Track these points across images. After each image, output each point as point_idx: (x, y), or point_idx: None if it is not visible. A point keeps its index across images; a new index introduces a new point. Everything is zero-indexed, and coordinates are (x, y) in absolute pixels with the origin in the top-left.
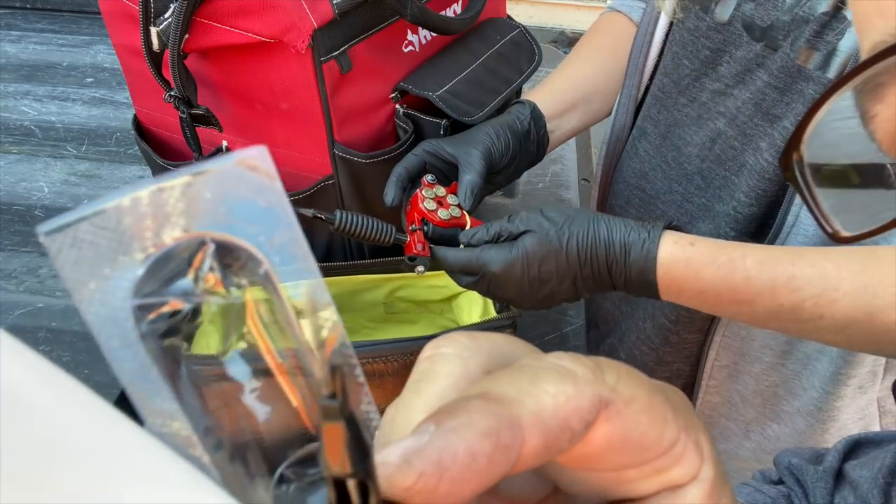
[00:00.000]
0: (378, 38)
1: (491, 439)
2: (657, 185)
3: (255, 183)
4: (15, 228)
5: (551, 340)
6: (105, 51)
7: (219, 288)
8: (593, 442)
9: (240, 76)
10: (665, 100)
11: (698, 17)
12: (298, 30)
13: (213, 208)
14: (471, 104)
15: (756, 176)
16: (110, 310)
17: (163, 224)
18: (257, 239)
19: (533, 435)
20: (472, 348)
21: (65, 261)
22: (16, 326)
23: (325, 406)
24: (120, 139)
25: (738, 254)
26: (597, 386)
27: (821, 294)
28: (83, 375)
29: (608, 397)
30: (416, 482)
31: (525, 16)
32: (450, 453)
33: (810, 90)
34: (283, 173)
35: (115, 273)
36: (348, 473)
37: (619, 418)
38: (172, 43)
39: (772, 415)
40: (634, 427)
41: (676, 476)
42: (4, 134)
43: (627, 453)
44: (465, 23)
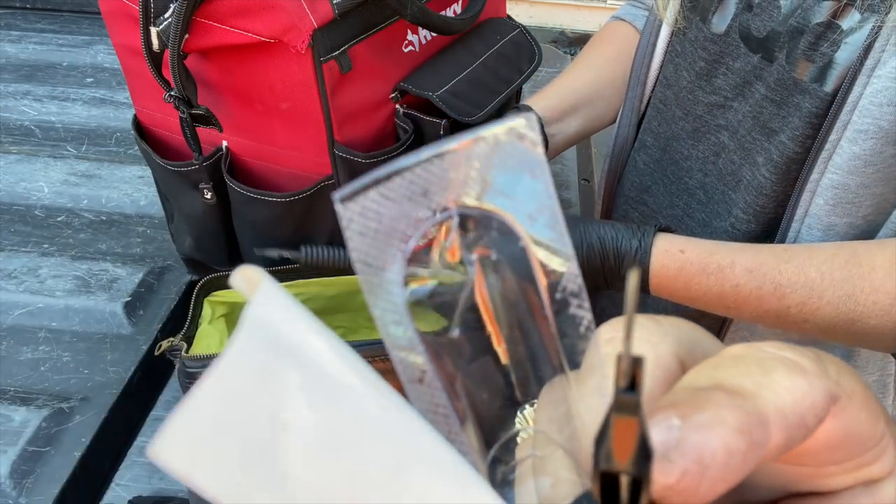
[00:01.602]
0: (378, 38)
1: (745, 436)
2: (659, 200)
3: (523, 154)
4: (15, 228)
5: None
6: (105, 51)
7: (458, 263)
8: (817, 438)
9: (240, 76)
10: (665, 111)
11: (698, 27)
12: (298, 30)
13: (480, 177)
14: (471, 104)
15: (753, 192)
16: (385, 283)
17: (438, 193)
18: (520, 214)
19: (778, 431)
20: (659, 333)
21: (353, 231)
22: (16, 326)
23: (621, 399)
24: (120, 139)
25: (728, 261)
26: (825, 380)
27: (805, 302)
28: (83, 375)
29: (836, 392)
30: (679, 481)
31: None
32: (710, 451)
33: (806, 104)
34: (283, 173)
35: (392, 246)
36: (629, 471)
37: (844, 414)
38: (172, 43)
39: None
40: (855, 423)
41: (875, 471)
42: (4, 134)
43: (844, 450)
44: (465, 23)
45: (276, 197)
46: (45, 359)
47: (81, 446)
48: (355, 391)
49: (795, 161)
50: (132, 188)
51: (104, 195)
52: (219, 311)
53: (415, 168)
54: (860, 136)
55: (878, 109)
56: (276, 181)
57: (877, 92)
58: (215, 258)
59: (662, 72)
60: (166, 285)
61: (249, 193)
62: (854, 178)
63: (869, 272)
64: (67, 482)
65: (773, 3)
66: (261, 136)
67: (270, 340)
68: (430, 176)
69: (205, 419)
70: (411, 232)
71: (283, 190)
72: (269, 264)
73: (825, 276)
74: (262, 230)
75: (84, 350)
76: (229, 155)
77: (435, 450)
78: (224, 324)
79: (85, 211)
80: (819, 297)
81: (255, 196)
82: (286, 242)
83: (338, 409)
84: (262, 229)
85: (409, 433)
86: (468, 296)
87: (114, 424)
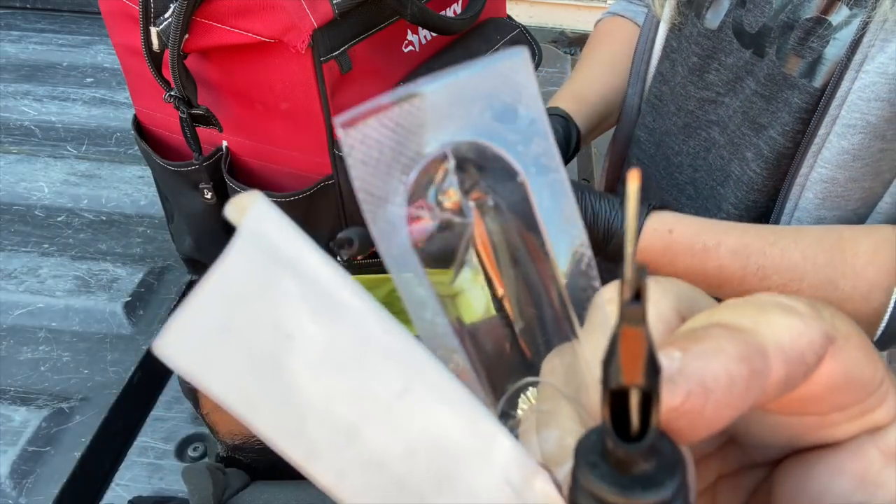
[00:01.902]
0: (378, 38)
1: (745, 364)
2: (650, 195)
3: (516, 87)
4: (15, 228)
5: None
6: (105, 51)
7: (457, 206)
8: (818, 381)
9: (240, 76)
10: (660, 107)
11: (692, 23)
12: (298, 30)
13: (476, 111)
14: None
15: (744, 187)
16: (390, 216)
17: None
18: (515, 148)
19: (777, 364)
20: (659, 290)
21: (355, 159)
22: (16, 326)
23: (629, 309)
24: (120, 139)
25: (714, 242)
26: (821, 321)
27: (786, 284)
28: (83, 375)
29: (831, 333)
30: (684, 402)
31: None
32: (711, 375)
33: (796, 99)
34: (283, 173)
35: (394, 178)
36: (640, 384)
37: (842, 355)
38: (172, 43)
39: None
40: (854, 365)
41: (879, 417)
42: (4, 134)
43: (846, 393)
44: (465, 23)
45: (276, 197)
46: (45, 359)
47: (81, 446)
48: (357, 310)
49: (785, 156)
50: (132, 188)
51: (104, 195)
52: None
53: (413, 99)
54: (848, 131)
55: (866, 104)
56: (276, 181)
57: (865, 87)
58: (215, 258)
59: (659, 67)
60: (166, 285)
61: None
62: (843, 172)
63: (852, 257)
64: (67, 482)
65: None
66: (261, 136)
67: (267, 251)
68: (429, 108)
69: (209, 320)
70: (412, 165)
71: (283, 190)
72: None
73: (808, 259)
74: None
75: (84, 350)
76: (229, 155)
77: (441, 378)
78: None
79: (85, 211)
80: (800, 279)
81: None
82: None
83: (341, 324)
84: None
85: (414, 359)
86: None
87: (114, 424)
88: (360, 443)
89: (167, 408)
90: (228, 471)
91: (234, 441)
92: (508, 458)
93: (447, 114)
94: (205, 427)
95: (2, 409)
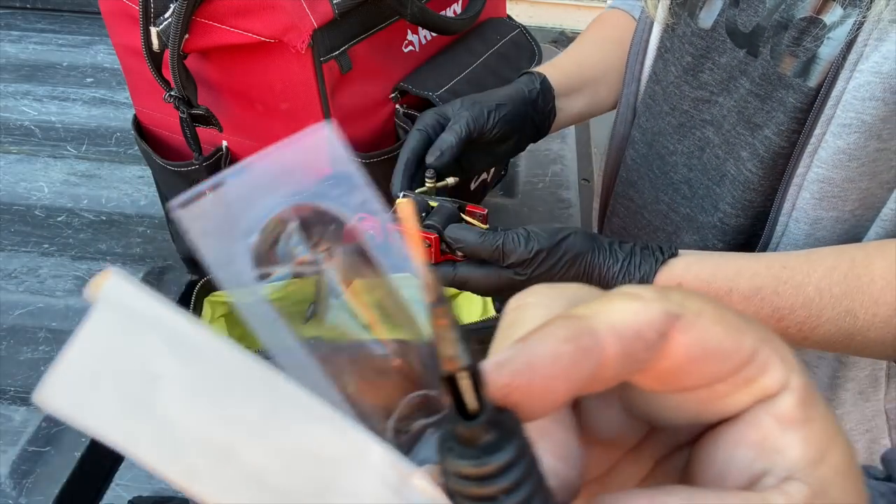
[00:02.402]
0: (378, 38)
1: (571, 342)
2: (644, 195)
3: (327, 153)
4: (15, 228)
5: None
6: (105, 51)
7: (306, 259)
8: (673, 354)
9: (240, 76)
10: (654, 107)
11: (686, 23)
12: (298, 30)
13: (298, 179)
14: None
15: (740, 187)
16: (238, 276)
17: (262, 197)
18: (340, 200)
19: (610, 341)
20: (554, 296)
21: (196, 233)
22: (16, 326)
23: (434, 308)
24: (120, 139)
25: (725, 289)
26: (663, 302)
27: (804, 322)
28: None
29: (676, 311)
30: (511, 380)
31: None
32: (536, 355)
33: (791, 99)
34: None
35: (235, 244)
36: (462, 366)
37: (693, 329)
38: (172, 43)
39: None
40: (710, 336)
41: (768, 384)
42: (4, 134)
43: (709, 363)
44: (465, 23)
45: None
46: (45, 359)
47: (81, 446)
48: (216, 348)
49: (781, 155)
50: (132, 188)
51: (104, 195)
52: (219, 311)
53: (238, 177)
54: (844, 131)
55: (861, 104)
56: None
57: (859, 86)
58: None
59: (653, 67)
60: (166, 285)
61: None
62: (839, 172)
63: (868, 284)
64: (67, 482)
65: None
66: (261, 136)
67: (126, 312)
68: (253, 183)
69: (80, 372)
70: (251, 230)
71: None
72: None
73: (823, 293)
74: None
75: None
76: (229, 155)
77: (304, 399)
78: (224, 324)
79: (85, 211)
80: (818, 316)
81: None
82: None
83: (204, 361)
84: None
85: (279, 384)
86: (325, 286)
87: None
88: (237, 462)
89: None
90: None
91: None
92: (383, 461)
93: (271, 185)
94: None
95: (2, 409)
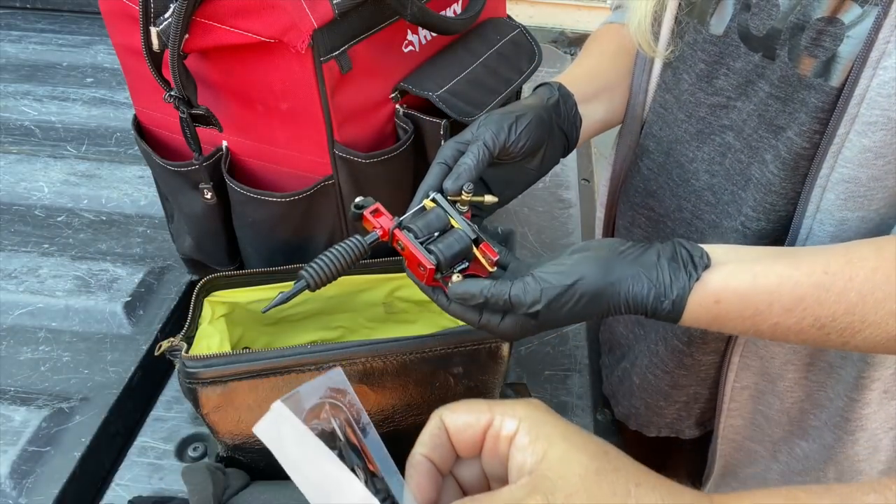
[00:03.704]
0: (378, 38)
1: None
2: (666, 203)
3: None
4: (15, 228)
5: (551, 340)
6: (105, 51)
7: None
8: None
9: (240, 76)
10: (666, 115)
11: (696, 30)
12: (298, 30)
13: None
14: (471, 104)
15: (763, 189)
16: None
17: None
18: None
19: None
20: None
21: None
22: (16, 326)
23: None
24: (120, 139)
25: (766, 304)
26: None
27: (845, 329)
28: (83, 375)
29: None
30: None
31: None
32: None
33: (812, 99)
34: (283, 173)
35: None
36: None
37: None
38: (172, 43)
39: (799, 432)
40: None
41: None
42: (4, 134)
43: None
44: (465, 23)
45: (276, 197)
46: (45, 359)
47: (81, 446)
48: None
49: (804, 157)
50: (132, 188)
51: (104, 195)
52: (219, 311)
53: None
54: (869, 129)
55: (887, 100)
56: (276, 181)
57: (884, 83)
58: (215, 258)
59: (662, 77)
60: (166, 285)
61: (249, 193)
62: (865, 171)
63: None
64: (67, 482)
65: (772, 2)
66: (261, 136)
67: (280, 420)
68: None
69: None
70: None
71: (283, 190)
72: (269, 265)
73: (867, 298)
74: (262, 230)
75: (84, 350)
76: (229, 155)
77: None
78: (224, 324)
79: (85, 211)
80: (861, 321)
81: (255, 196)
82: (286, 243)
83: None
84: (262, 229)
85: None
86: (343, 444)
87: (114, 424)
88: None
89: (167, 408)
90: (228, 471)
91: (234, 441)
92: None
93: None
94: (205, 427)
95: (2, 409)
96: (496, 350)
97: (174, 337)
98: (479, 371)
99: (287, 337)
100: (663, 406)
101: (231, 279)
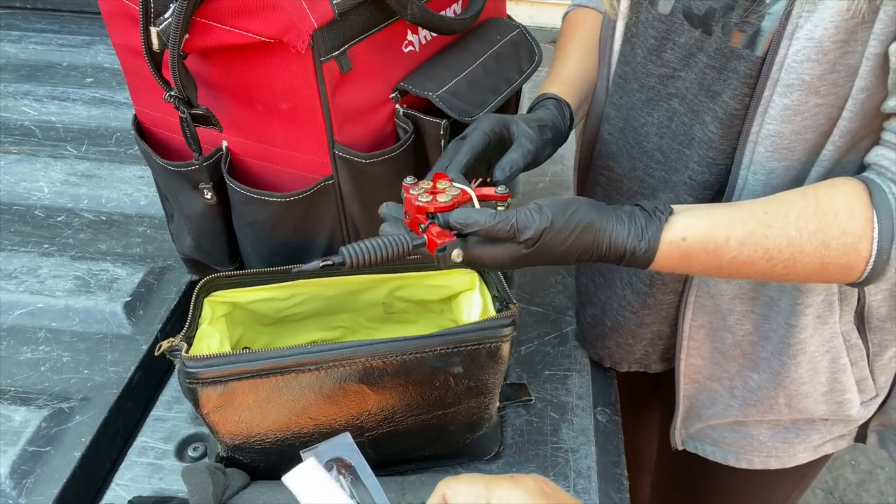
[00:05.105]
0: (378, 38)
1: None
2: (623, 165)
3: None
4: (15, 228)
5: (551, 340)
6: (105, 51)
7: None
8: None
9: (240, 76)
10: (625, 85)
11: (647, 10)
12: (298, 30)
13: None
14: (471, 104)
15: (704, 147)
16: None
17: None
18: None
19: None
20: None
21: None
22: (16, 326)
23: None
24: (120, 139)
25: (723, 238)
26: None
27: (789, 258)
28: (83, 375)
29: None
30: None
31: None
32: None
33: (742, 67)
34: (283, 173)
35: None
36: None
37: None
38: (172, 43)
39: (751, 364)
40: None
41: None
42: (4, 134)
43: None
44: (465, 23)
45: (276, 197)
46: (45, 359)
47: (81, 446)
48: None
49: (737, 117)
50: (132, 188)
51: (104, 195)
52: (219, 311)
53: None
54: (788, 90)
55: (800, 66)
56: (276, 181)
57: (798, 51)
58: (215, 258)
59: (621, 50)
60: (166, 285)
61: (249, 193)
62: (787, 126)
63: (834, 217)
64: (67, 482)
65: None
66: (261, 136)
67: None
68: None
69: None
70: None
71: (283, 190)
72: (269, 265)
73: (802, 231)
74: (262, 230)
75: (84, 350)
76: (229, 155)
77: None
78: (224, 324)
79: (85, 211)
80: (801, 251)
81: (255, 196)
82: (285, 243)
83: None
84: (262, 229)
85: None
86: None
87: (114, 424)
88: None
89: (167, 408)
90: (228, 471)
91: (234, 441)
92: None
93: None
94: (205, 427)
95: (2, 409)
96: (496, 350)
97: (174, 337)
98: (479, 371)
99: (287, 337)
100: (632, 343)
101: (231, 279)
